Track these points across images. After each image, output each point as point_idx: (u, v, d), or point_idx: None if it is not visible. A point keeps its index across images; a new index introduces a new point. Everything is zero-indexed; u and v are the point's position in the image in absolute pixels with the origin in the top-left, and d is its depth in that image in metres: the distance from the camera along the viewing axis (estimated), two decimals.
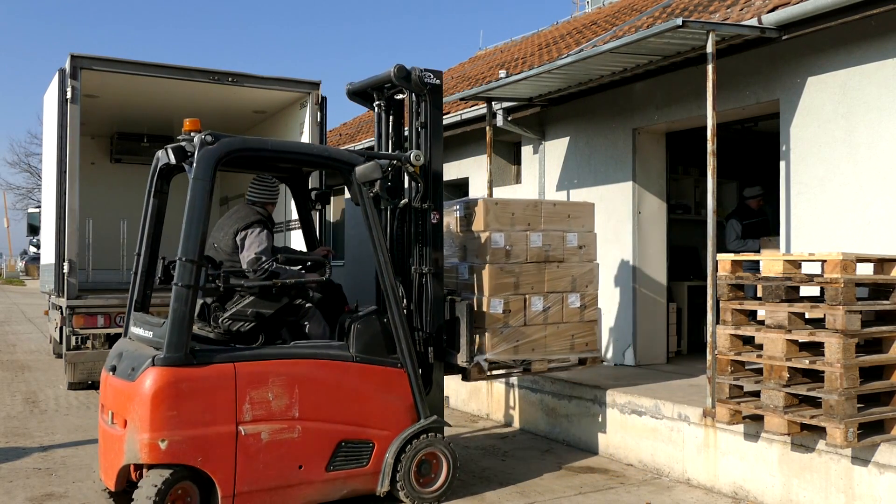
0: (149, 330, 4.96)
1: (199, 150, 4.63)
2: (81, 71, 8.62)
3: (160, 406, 4.46)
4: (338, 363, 5.07)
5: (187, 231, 4.59)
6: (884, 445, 4.81)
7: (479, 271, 5.85)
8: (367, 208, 5.22)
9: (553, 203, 6.28)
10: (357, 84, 6.07)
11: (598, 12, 15.30)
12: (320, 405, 4.94)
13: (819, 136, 6.56)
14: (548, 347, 6.03)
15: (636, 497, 5.65)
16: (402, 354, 5.27)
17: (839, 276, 4.80)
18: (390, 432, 5.19)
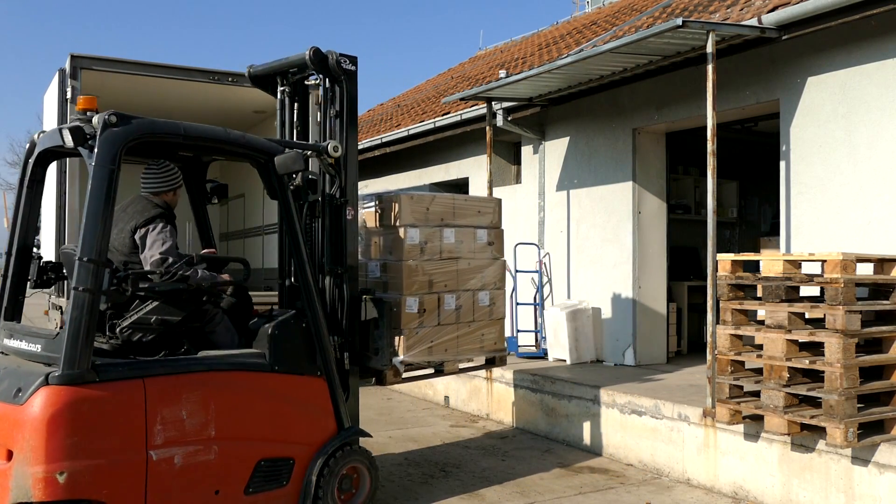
0: (34, 343, 4.21)
1: (102, 133, 4.00)
2: (81, 71, 8.61)
3: (57, 432, 3.79)
4: (255, 374, 4.59)
5: (88, 227, 3.94)
6: (884, 445, 4.81)
7: (394, 269, 5.59)
8: (286, 202, 4.79)
9: (465, 198, 6.12)
10: (261, 67, 5.56)
11: (598, 12, 15.30)
12: (238, 421, 4.45)
13: (819, 136, 6.56)
14: (460, 347, 5.84)
15: (636, 497, 5.65)
16: (322, 362, 4.87)
17: (839, 276, 4.80)
18: (310, 447, 4.78)
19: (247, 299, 5.35)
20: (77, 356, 3.86)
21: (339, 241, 5.20)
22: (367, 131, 14.96)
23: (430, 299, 5.64)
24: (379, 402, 9.35)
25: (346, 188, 5.21)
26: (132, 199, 4.91)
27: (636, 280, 8.43)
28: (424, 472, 6.20)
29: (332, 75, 5.24)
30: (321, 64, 5.14)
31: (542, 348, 9.18)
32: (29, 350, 4.23)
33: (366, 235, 5.81)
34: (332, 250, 5.19)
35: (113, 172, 4.01)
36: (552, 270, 9.60)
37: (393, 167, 13.52)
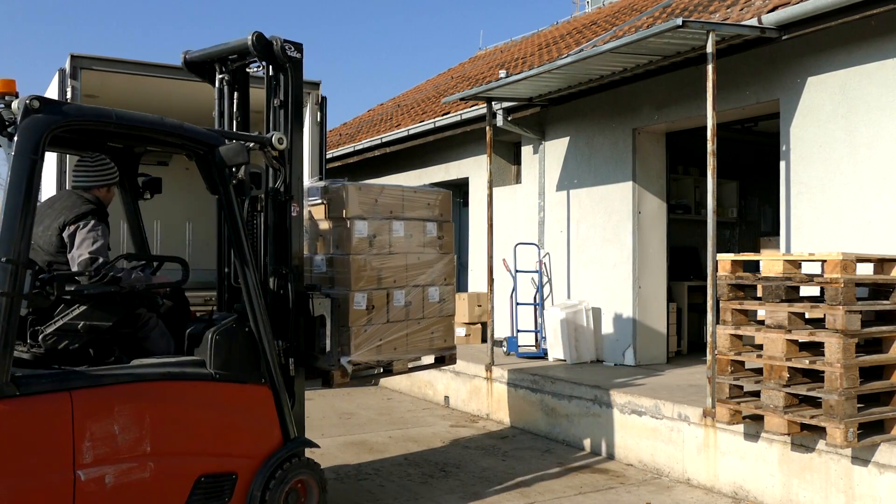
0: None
1: (23, 119, 3.64)
2: (81, 71, 8.61)
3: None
4: (194, 383, 4.25)
5: (7, 224, 3.56)
6: (884, 445, 4.81)
7: (341, 263, 5.29)
8: (228, 197, 4.42)
9: (413, 189, 5.89)
10: (198, 53, 5.16)
11: (598, 12, 15.30)
12: (176, 435, 4.11)
13: (819, 136, 6.56)
14: (409, 345, 5.59)
15: (636, 497, 5.65)
16: (266, 368, 4.52)
17: (839, 276, 4.80)
18: (254, 460, 4.43)
19: (184, 302, 5.02)
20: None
21: (284, 240, 4.88)
22: (367, 131, 14.96)
23: (378, 295, 5.35)
24: (379, 402, 9.36)
25: (290, 183, 4.87)
26: (60, 194, 4.58)
27: (636, 280, 8.43)
28: (424, 472, 6.20)
29: (276, 63, 4.86)
30: (265, 50, 4.77)
31: (542, 348, 9.18)
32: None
33: (311, 228, 5.49)
34: (276, 249, 4.89)
35: (35, 163, 3.64)
36: (552, 270, 9.60)
37: (393, 167, 13.51)
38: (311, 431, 7.56)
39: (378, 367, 5.50)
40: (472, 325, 10.60)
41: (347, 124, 19.22)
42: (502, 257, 10.01)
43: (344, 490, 5.71)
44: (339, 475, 6.09)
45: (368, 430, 7.73)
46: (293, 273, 4.87)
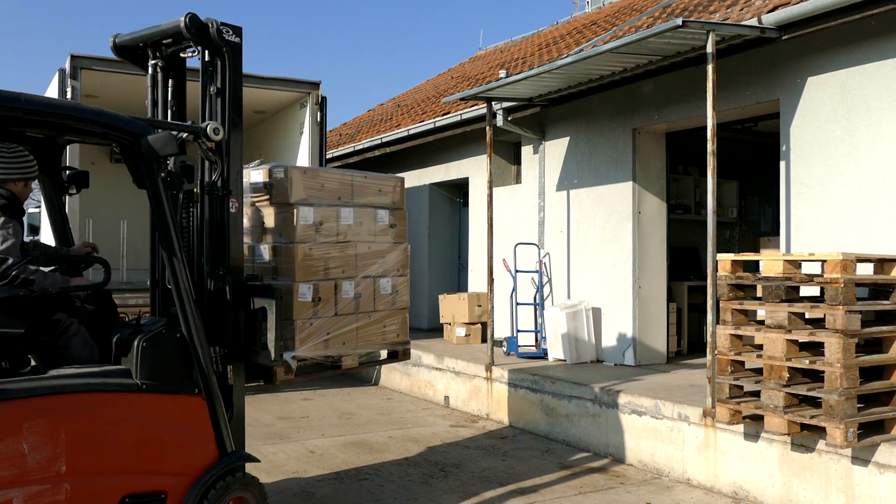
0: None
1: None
2: (81, 71, 8.62)
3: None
4: (119, 395, 3.87)
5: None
6: (884, 445, 4.81)
7: (285, 252, 4.97)
8: (156, 192, 4.03)
9: (364, 175, 5.58)
10: (128, 36, 4.74)
11: (598, 12, 15.31)
12: (97, 452, 3.74)
13: (819, 136, 6.56)
14: (360, 340, 5.28)
15: (636, 497, 5.65)
16: (200, 377, 4.13)
17: (839, 276, 4.80)
18: (186, 477, 4.05)
19: (111, 307, 4.61)
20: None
21: (221, 238, 4.52)
22: (368, 131, 14.96)
23: (326, 286, 5.03)
24: (379, 402, 9.36)
25: (228, 177, 4.50)
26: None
27: (636, 280, 8.43)
28: (424, 472, 6.20)
29: (212, 47, 4.49)
30: (200, 33, 4.42)
31: (542, 348, 9.18)
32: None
33: (254, 215, 5.17)
34: (213, 248, 4.51)
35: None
36: (552, 270, 9.60)
37: (393, 167, 13.51)
38: (310, 431, 7.59)
39: (327, 362, 5.20)
40: (472, 325, 10.60)
41: (347, 124, 19.22)
42: (502, 257, 10.01)
43: (344, 490, 5.71)
44: (339, 475, 6.09)
45: (368, 430, 7.73)
46: (231, 274, 4.51)
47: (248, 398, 4.46)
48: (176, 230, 4.12)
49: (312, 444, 7.07)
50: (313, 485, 5.82)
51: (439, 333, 11.51)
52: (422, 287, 12.73)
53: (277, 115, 10.95)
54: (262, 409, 8.66)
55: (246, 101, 10.83)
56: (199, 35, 4.42)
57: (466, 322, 10.59)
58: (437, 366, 9.36)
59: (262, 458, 6.48)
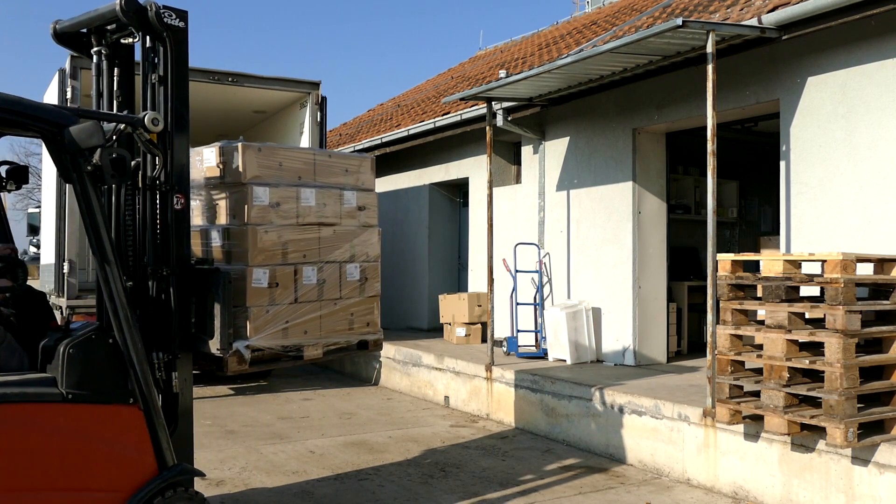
0: None
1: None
2: (81, 71, 8.62)
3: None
4: (41, 406, 3.55)
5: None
6: (884, 445, 4.81)
7: (238, 235, 4.70)
8: (83, 186, 3.75)
9: (328, 154, 5.34)
10: (68, 22, 4.42)
11: (598, 12, 15.31)
12: (16, 469, 3.41)
13: (819, 136, 6.56)
14: (323, 329, 5.00)
15: (636, 497, 5.65)
16: (136, 385, 3.82)
17: (839, 276, 4.80)
18: (119, 494, 3.74)
19: (43, 310, 4.29)
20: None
21: (165, 236, 4.24)
22: (368, 131, 14.97)
23: (284, 272, 4.75)
24: (379, 402, 9.36)
25: (172, 171, 4.21)
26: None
27: (636, 280, 8.43)
28: (424, 472, 6.20)
29: (153, 32, 4.21)
30: (137, 17, 4.14)
31: (542, 348, 9.18)
32: None
33: (207, 196, 4.90)
34: (156, 247, 4.25)
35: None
36: (552, 270, 9.60)
37: (393, 167, 13.52)
38: (310, 431, 7.59)
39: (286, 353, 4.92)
40: (472, 325, 10.60)
41: (347, 124, 19.22)
42: (502, 257, 10.01)
43: (344, 490, 5.71)
44: (339, 475, 6.09)
45: (368, 430, 7.73)
46: (176, 276, 4.24)
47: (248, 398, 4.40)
48: (105, 228, 3.83)
49: (312, 444, 7.07)
50: (313, 485, 5.82)
51: (439, 333, 11.52)
52: (422, 287, 12.73)
53: (277, 115, 10.95)
54: (262, 409, 8.67)
55: (246, 101, 10.91)
56: (138, 19, 4.15)
57: (466, 322, 10.59)
58: (437, 366, 9.36)
59: (262, 458, 6.49)
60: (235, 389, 9.81)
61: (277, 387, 10.31)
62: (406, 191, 13.16)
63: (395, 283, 13.47)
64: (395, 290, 13.50)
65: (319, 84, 10.03)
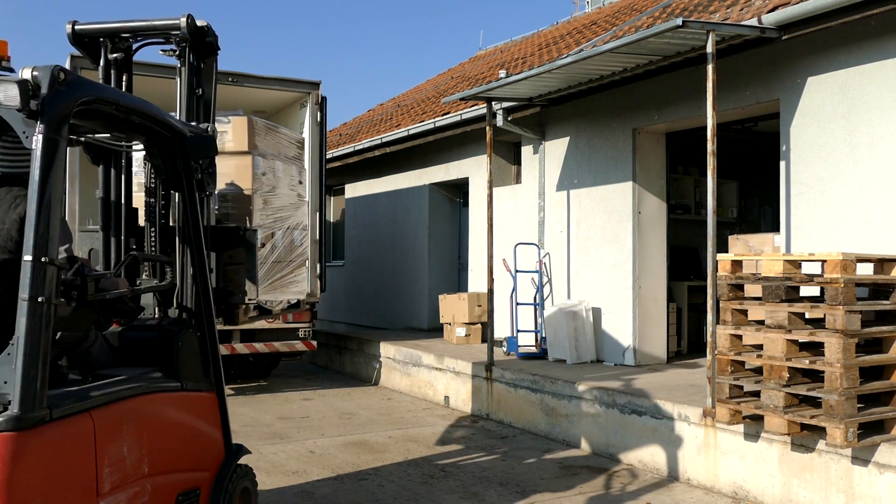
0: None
1: (51, 92, 2.96)
2: (81, 71, 8.62)
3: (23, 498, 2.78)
4: (168, 395, 3.81)
5: (41, 218, 2.93)
6: (884, 445, 4.81)
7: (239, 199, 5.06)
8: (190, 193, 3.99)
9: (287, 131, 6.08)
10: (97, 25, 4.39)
11: (598, 12, 15.30)
12: (162, 452, 3.66)
13: (819, 136, 6.56)
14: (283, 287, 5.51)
15: (636, 497, 5.65)
16: (214, 373, 4.13)
17: (839, 276, 4.80)
18: (209, 472, 4.03)
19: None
20: (35, 388, 2.84)
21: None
22: (368, 131, 14.96)
23: (266, 235, 5.20)
24: (379, 402, 9.36)
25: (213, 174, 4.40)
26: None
27: (636, 280, 8.43)
28: (424, 472, 6.20)
29: (207, 50, 4.43)
30: (196, 35, 4.30)
31: (542, 348, 9.18)
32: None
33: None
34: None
35: (64, 146, 3.05)
36: (552, 270, 9.60)
37: (393, 167, 13.51)
38: (310, 431, 7.59)
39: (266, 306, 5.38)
40: (472, 325, 10.60)
41: (347, 124, 19.22)
42: (502, 257, 10.01)
43: (344, 490, 5.71)
44: (339, 475, 6.09)
45: (368, 430, 7.73)
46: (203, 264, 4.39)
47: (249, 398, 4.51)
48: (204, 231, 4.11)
49: (312, 444, 7.07)
50: (313, 485, 5.82)
51: (439, 333, 11.52)
52: (422, 287, 12.73)
53: (277, 115, 10.95)
54: (262, 409, 8.67)
55: (246, 101, 10.92)
56: (196, 36, 4.36)
57: (466, 322, 10.59)
58: (437, 366, 9.36)
59: (262, 458, 6.49)
60: (235, 389, 9.81)
61: (277, 387, 10.32)
62: (406, 191, 13.16)
63: (396, 283, 13.48)
64: (395, 290, 13.50)
65: (319, 84, 10.02)
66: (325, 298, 11.59)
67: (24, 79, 2.96)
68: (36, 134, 2.96)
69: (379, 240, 14.02)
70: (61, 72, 3.03)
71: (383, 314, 13.80)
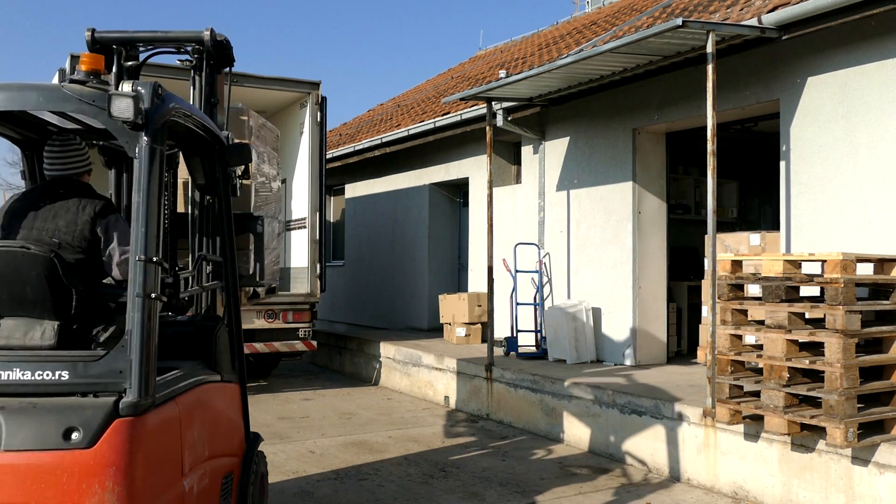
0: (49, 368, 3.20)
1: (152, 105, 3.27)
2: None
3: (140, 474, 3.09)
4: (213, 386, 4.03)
5: (148, 221, 3.23)
6: (884, 445, 4.81)
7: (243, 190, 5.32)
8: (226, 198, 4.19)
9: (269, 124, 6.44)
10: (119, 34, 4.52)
11: (598, 12, 15.31)
12: (213, 438, 3.91)
13: (819, 136, 6.56)
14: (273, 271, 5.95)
15: (636, 497, 5.65)
16: (239, 364, 4.36)
17: (839, 276, 4.80)
18: (236, 457, 4.23)
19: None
20: (148, 378, 3.17)
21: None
22: (368, 131, 14.96)
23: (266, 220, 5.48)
24: (379, 402, 9.36)
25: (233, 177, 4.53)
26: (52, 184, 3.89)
27: (636, 280, 8.42)
28: (424, 472, 6.20)
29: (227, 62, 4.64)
30: (216, 47, 4.48)
31: (542, 348, 9.18)
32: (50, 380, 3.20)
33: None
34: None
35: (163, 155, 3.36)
36: (552, 270, 9.60)
37: (393, 167, 13.51)
38: (310, 431, 7.59)
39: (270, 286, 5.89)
40: (472, 325, 10.60)
41: (347, 124, 19.22)
42: (502, 257, 10.01)
43: (344, 490, 5.71)
44: (339, 475, 6.09)
45: (368, 430, 7.73)
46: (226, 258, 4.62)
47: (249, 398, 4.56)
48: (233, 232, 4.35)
49: (312, 444, 7.08)
50: (313, 485, 5.82)
51: (439, 333, 11.52)
52: (422, 287, 12.73)
53: (277, 115, 10.95)
54: (262, 409, 8.67)
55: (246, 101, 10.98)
56: (217, 48, 4.53)
57: (466, 322, 10.59)
58: (437, 366, 9.36)
59: None
60: None
61: (277, 387, 10.32)
62: (406, 191, 13.16)
63: (396, 283, 13.48)
64: (395, 289, 13.50)
65: (319, 84, 10.03)
66: (325, 298, 11.59)
67: (135, 94, 3.23)
68: (141, 144, 3.24)
69: (379, 240, 14.02)
70: (159, 87, 3.32)
71: (383, 314, 13.80)
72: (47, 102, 3.35)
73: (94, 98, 3.25)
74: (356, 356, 11.56)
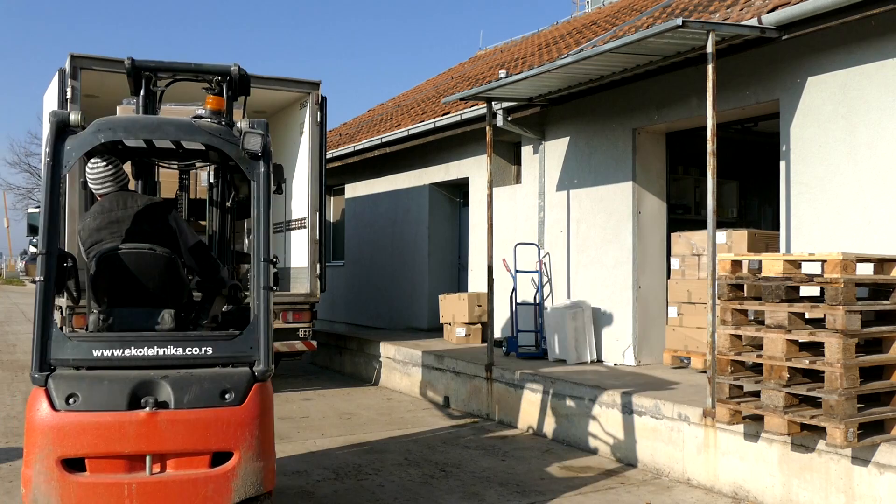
0: (197, 345, 4.10)
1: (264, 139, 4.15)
2: (81, 71, 8.61)
3: (271, 425, 4.21)
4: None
5: (266, 229, 4.16)
6: (884, 445, 4.81)
7: None
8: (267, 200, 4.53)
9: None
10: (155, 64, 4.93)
11: (598, 12, 15.31)
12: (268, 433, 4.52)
13: (819, 136, 6.56)
14: None
15: (636, 497, 5.65)
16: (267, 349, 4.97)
17: (839, 276, 4.80)
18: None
19: None
20: (270, 352, 4.12)
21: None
22: (368, 131, 14.96)
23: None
24: (379, 402, 9.36)
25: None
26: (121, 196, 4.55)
27: (636, 280, 8.42)
28: (424, 472, 6.20)
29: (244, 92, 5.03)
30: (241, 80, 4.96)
31: (542, 348, 9.18)
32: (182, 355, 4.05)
33: None
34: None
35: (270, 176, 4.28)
36: (552, 270, 9.60)
37: (393, 167, 13.51)
38: (310, 431, 7.59)
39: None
40: (472, 325, 10.60)
41: (347, 124, 19.22)
42: (502, 257, 10.01)
43: (344, 490, 5.71)
44: (339, 475, 6.09)
45: (368, 430, 7.73)
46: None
47: None
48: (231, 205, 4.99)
49: (312, 444, 7.07)
50: (313, 485, 5.83)
51: (439, 333, 11.52)
52: (422, 287, 12.73)
53: (277, 115, 10.95)
54: None
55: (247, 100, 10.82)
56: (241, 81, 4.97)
57: (466, 322, 10.59)
58: (437, 366, 9.36)
59: None
60: None
61: (277, 387, 10.31)
62: (406, 191, 13.16)
63: (396, 283, 13.47)
64: (395, 289, 13.50)
65: (319, 84, 10.02)
66: (325, 298, 11.59)
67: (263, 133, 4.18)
68: (259, 169, 4.20)
69: (379, 240, 14.02)
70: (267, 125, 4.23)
71: (383, 314, 13.80)
72: (185, 135, 4.20)
73: (222, 133, 4.23)
74: (356, 356, 11.56)
